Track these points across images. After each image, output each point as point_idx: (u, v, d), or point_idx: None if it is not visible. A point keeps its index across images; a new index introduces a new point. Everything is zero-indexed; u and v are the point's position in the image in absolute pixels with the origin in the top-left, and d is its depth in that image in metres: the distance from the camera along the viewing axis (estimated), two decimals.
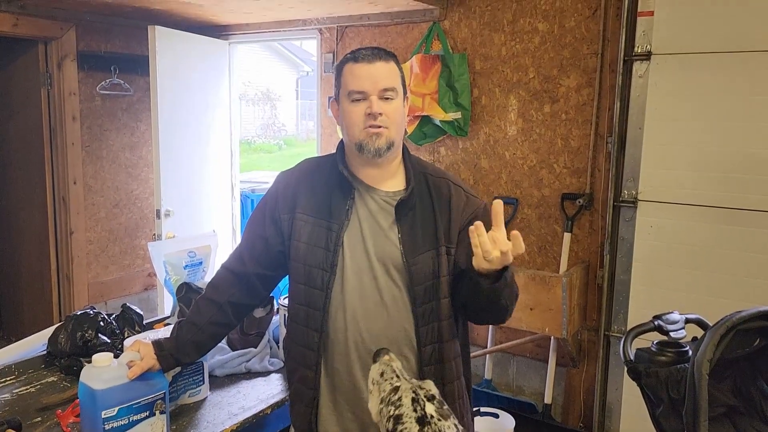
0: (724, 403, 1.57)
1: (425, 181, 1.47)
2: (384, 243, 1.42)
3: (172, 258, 2.31)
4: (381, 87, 1.39)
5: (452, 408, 1.45)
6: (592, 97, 2.99)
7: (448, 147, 3.46)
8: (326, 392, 1.46)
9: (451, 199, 1.46)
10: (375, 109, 1.38)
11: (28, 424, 1.60)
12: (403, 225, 1.42)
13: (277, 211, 1.50)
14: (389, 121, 1.40)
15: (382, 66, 1.40)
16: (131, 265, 4.43)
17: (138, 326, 2.10)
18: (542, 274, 2.87)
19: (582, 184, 3.07)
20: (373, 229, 1.43)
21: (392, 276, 1.42)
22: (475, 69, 3.31)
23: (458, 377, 1.48)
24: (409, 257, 1.40)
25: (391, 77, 1.41)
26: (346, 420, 1.46)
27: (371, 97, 1.38)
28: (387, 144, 1.40)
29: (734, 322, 1.44)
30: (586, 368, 3.14)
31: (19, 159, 4.17)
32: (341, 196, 1.45)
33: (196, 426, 1.65)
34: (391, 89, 1.40)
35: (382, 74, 1.40)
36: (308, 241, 1.44)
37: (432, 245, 1.41)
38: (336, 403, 1.46)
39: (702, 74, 2.64)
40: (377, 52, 1.42)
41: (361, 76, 1.39)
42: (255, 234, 1.55)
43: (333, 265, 1.41)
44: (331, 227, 1.43)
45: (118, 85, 4.08)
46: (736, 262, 2.63)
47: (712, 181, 2.66)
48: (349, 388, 1.44)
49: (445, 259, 1.42)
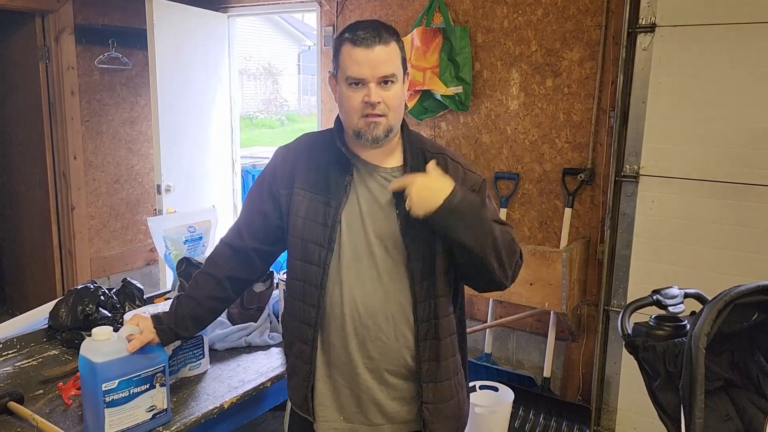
0: (721, 377, 1.58)
1: (423, 157, 1.46)
2: (382, 220, 1.42)
3: (171, 233, 2.32)
4: (380, 74, 1.35)
5: (448, 385, 1.47)
6: (594, 70, 2.96)
7: (449, 122, 3.44)
8: (322, 367, 1.47)
9: (448, 175, 1.44)
10: (373, 98, 1.35)
11: (30, 396, 1.62)
12: (401, 202, 1.40)
13: (275, 185, 1.50)
14: (388, 108, 1.37)
15: (382, 51, 1.35)
16: (133, 240, 4.44)
17: (138, 300, 2.11)
18: (542, 249, 2.87)
19: (584, 159, 3.05)
20: (372, 207, 1.42)
21: (390, 253, 1.41)
22: (477, 42, 3.27)
23: (453, 354, 1.49)
24: (407, 234, 1.40)
25: (391, 62, 1.37)
26: (341, 395, 1.47)
27: (370, 84, 1.35)
28: (385, 132, 1.39)
29: (733, 297, 1.44)
30: (585, 342, 3.15)
31: (19, 134, 4.15)
32: (339, 173, 1.44)
33: (196, 398, 1.66)
34: (390, 76, 1.36)
35: (381, 60, 1.35)
36: (306, 216, 1.44)
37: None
38: (332, 378, 1.47)
39: (707, 46, 2.60)
40: (377, 33, 1.35)
41: (360, 62, 1.35)
42: (253, 209, 1.54)
43: (330, 241, 1.41)
44: (329, 203, 1.42)
45: (117, 59, 4.05)
46: (737, 237, 2.62)
47: (716, 156, 2.64)
48: (344, 363, 1.45)
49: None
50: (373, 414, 1.47)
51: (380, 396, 1.46)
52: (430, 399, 1.45)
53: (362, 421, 1.47)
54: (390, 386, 1.46)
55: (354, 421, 1.48)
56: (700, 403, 1.38)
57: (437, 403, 1.46)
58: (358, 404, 1.46)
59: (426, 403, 1.45)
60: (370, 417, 1.47)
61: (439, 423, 1.47)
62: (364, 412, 1.47)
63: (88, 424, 1.43)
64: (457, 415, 1.52)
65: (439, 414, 1.46)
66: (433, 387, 1.45)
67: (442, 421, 1.47)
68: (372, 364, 1.44)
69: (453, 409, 1.50)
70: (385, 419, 1.47)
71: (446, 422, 1.48)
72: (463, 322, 1.58)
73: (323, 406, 1.48)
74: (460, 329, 1.56)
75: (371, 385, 1.45)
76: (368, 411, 1.46)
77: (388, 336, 1.43)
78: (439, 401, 1.46)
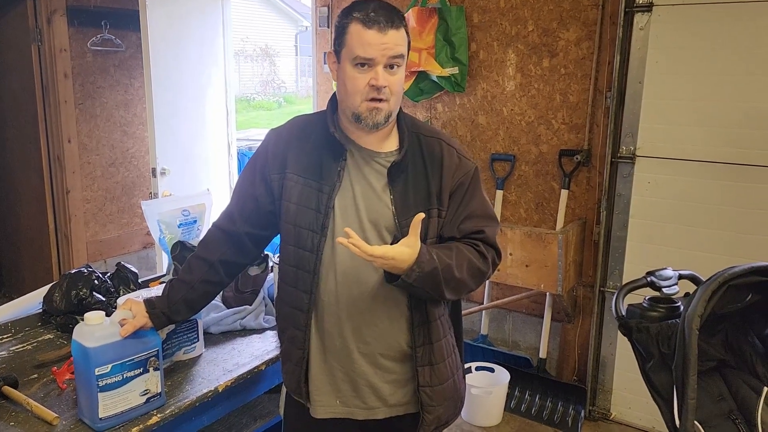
0: (715, 358, 1.58)
1: (418, 141, 1.45)
2: (376, 205, 1.40)
3: (166, 217, 2.30)
4: (391, 55, 1.33)
5: (443, 366, 1.47)
6: (591, 50, 2.93)
7: (445, 103, 3.41)
8: (317, 353, 1.47)
9: (444, 160, 1.43)
10: (381, 82, 1.33)
11: (25, 380, 1.62)
12: (396, 187, 1.40)
13: (267, 169, 1.48)
14: (391, 93, 1.36)
15: (394, 35, 1.33)
16: (129, 224, 4.44)
17: (133, 284, 2.11)
18: (538, 231, 2.86)
19: (580, 140, 3.03)
20: (366, 192, 1.41)
21: (384, 238, 1.40)
22: (473, 22, 3.24)
23: (445, 335, 1.49)
24: (402, 218, 1.38)
25: (402, 45, 1.35)
26: (337, 380, 1.47)
27: (377, 67, 1.33)
28: (386, 117, 1.38)
29: (726, 278, 1.43)
30: (581, 323, 3.17)
31: (13, 117, 4.12)
32: (332, 158, 1.42)
33: (191, 382, 1.66)
34: (399, 57, 1.35)
35: (394, 42, 1.33)
36: (298, 202, 1.42)
37: (424, 207, 1.40)
38: (327, 363, 1.47)
39: (705, 26, 2.57)
40: (390, 17, 1.33)
41: (372, 44, 1.31)
42: (245, 193, 1.53)
43: (324, 228, 1.40)
44: (322, 189, 1.41)
45: (110, 40, 4.01)
46: (734, 218, 2.62)
47: (713, 136, 2.62)
48: (339, 349, 1.45)
49: (435, 221, 1.41)
50: (368, 397, 1.47)
51: (375, 380, 1.46)
52: (427, 381, 1.45)
53: (358, 404, 1.48)
54: (385, 370, 1.46)
55: (350, 404, 1.48)
56: (693, 383, 1.38)
57: (434, 385, 1.46)
58: (354, 388, 1.47)
59: (422, 386, 1.45)
60: (366, 400, 1.47)
61: (437, 405, 1.47)
62: (360, 396, 1.47)
63: (82, 408, 1.43)
64: (454, 396, 1.53)
65: (437, 395, 1.47)
66: (429, 369, 1.45)
67: (441, 403, 1.48)
68: (367, 348, 1.44)
69: (450, 390, 1.51)
70: (381, 402, 1.47)
71: (445, 404, 1.49)
72: (457, 304, 1.58)
73: (319, 390, 1.49)
74: (454, 310, 1.56)
75: (366, 370, 1.45)
76: (364, 394, 1.47)
77: (383, 320, 1.43)
78: (436, 383, 1.47)
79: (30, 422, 1.44)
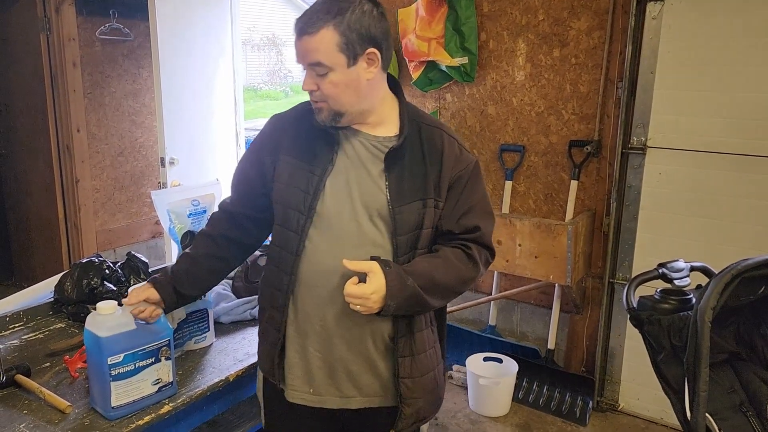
0: (726, 350, 1.58)
1: (418, 129, 1.43)
2: (371, 189, 1.38)
3: (175, 207, 2.30)
4: (306, 63, 1.33)
5: (424, 357, 1.45)
6: (603, 40, 2.91)
7: (455, 93, 3.40)
8: (294, 335, 1.45)
9: (444, 151, 1.41)
10: (304, 87, 1.35)
11: (37, 369, 1.63)
12: (392, 173, 1.37)
13: (261, 153, 1.48)
14: (324, 95, 1.33)
15: (307, 40, 1.30)
16: (138, 213, 4.45)
17: (143, 274, 2.11)
18: (547, 222, 2.85)
19: (590, 131, 3.01)
20: (360, 175, 1.39)
21: (376, 223, 1.38)
22: (483, 11, 3.21)
23: (427, 327, 1.47)
24: (395, 205, 1.36)
25: (317, 52, 1.29)
26: (312, 366, 1.45)
27: (305, 71, 1.35)
28: (331, 117, 1.36)
29: (739, 270, 1.43)
30: (589, 315, 3.16)
31: (22, 107, 4.13)
32: (326, 143, 1.41)
33: (202, 371, 1.67)
34: (316, 64, 1.30)
35: (306, 49, 1.31)
36: (288, 182, 1.41)
37: (420, 195, 1.38)
38: (304, 347, 1.45)
39: (718, 15, 2.54)
40: (309, 20, 1.30)
41: (295, 49, 1.34)
42: (242, 175, 1.54)
43: (310, 209, 1.38)
44: (313, 171, 1.39)
45: (118, 30, 4.00)
46: (746, 209, 2.60)
47: (725, 127, 2.60)
48: (319, 332, 1.43)
49: (432, 212, 1.39)
50: (344, 384, 1.44)
51: (354, 367, 1.43)
52: (408, 372, 1.43)
53: (333, 392, 1.45)
54: (365, 358, 1.43)
55: (323, 393, 1.46)
56: (704, 376, 1.38)
57: (415, 376, 1.44)
58: (331, 375, 1.44)
59: (402, 377, 1.42)
60: (342, 387, 1.45)
61: (417, 397, 1.45)
62: (335, 383, 1.45)
63: (94, 397, 1.44)
64: (434, 391, 1.51)
65: (418, 387, 1.45)
66: (411, 360, 1.43)
67: (421, 396, 1.46)
68: (349, 334, 1.42)
69: (430, 383, 1.48)
70: (357, 391, 1.45)
71: (425, 397, 1.47)
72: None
73: (293, 375, 1.47)
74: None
75: (346, 356, 1.43)
76: (340, 381, 1.44)
77: None
78: (416, 374, 1.44)
79: (43, 410, 1.45)
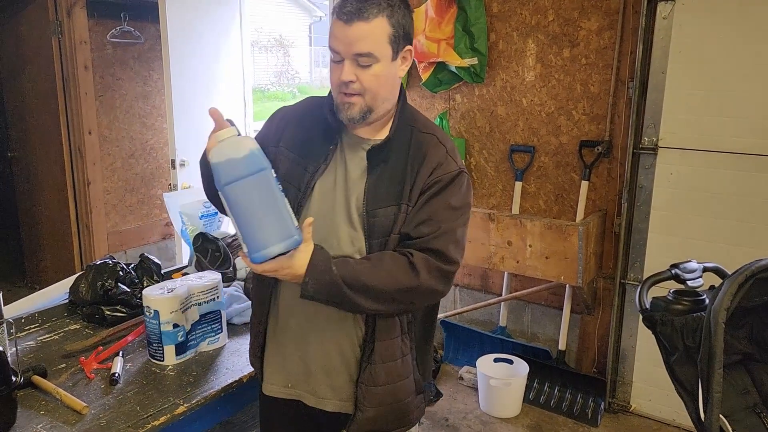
0: (740, 351, 1.57)
1: (410, 134, 1.40)
2: (352, 190, 1.38)
3: (187, 208, 2.33)
4: (353, 52, 1.27)
5: (378, 368, 1.39)
6: (613, 40, 2.90)
7: (464, 94, 3.40)
8: (275, 330, 1.46)
9: (426, 156, 1.37)
10: (343, 77, 1.28)
11: (53, 370, 1.65)
12: (372, 175, 1.36)
13: (266, 142, 1.46)
14: (364, 88, 1.30)
15: (360, 27, 1.25)
16: (149, 215, 4.48)
17: (156, 275, 2.13)
18: (558, 222, 2.85)
19: (601, 131, 3.01)
20: (346, 178, 1.39)
21: (354, 225, 1.37)
22: (493, 12, 3.21)
23: (395, 337, 1.41)
24: (369, 207, 1.35)
25: (370, 40, 1.26)
26: (289, 362, 1.45)
27: (345, 61, 1.29)
28: (361, 114, 1.33)
29: (753, 271, 1.42)
30: (600, 315, 3.15)
31: (34, 110, 4.17)
32: (324, 140, 1.41)
33: (215, 372, 1.68)
34: (365, 55, 1.27)
35: (356, 37, 1.26)
36: (284, 177, 1.39)
37: (395, 200, 1.35)
38: (282, 343, 1.46)
39: (729, 15, 2.53)
40: (359, 7, 1.25)
41: (337, 37, 1.28)
42: None
43: (299, 207, 1.38)
44: (307, 168, 1.40)
45: (129, 32, 4.03)
46: (758, 210, 2.59)
47: (737, 127, 2.59)
48: (294, 329, 1.43)
49: (404, 217, 1.36)
50: (319, 386, 1.43)
51: (330, 367, 1.42)
52: (364, 379, 1.40)
53: (308, 390, 1.45)
54: (342, 360, 1.42)
55: (300, 388, 1.46)
56: (718, 377, 1.37)
57: (369, 384, 1.40)
58: (306, 373, 1.44)
59: (361, 381, 1.40)
60: (317, 388, 1.44)
61: (369, 406, 1.40)
62: (311, 383, 1.44)
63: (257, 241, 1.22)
64: (393, 405, 1.43)
65: (370, 397, 1.40)
66: (368, 367, 1.39)
67: (373, 405, 1.40)
68: (324, 335, 1.41)
69: (387, 396, 1.42)
70: (332, 393, 1.44)
71: (379, 408, 1.41)
72: (430, 311, 1.51)
73: (272, 369, 1.48)
74: (426, 318, 1.49)
75: (321, 355, 1.42)
76: (316, 382, 1.43)
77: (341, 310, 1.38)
78: (370, 383, 1.40)
79: (59, 411, 1.46)
